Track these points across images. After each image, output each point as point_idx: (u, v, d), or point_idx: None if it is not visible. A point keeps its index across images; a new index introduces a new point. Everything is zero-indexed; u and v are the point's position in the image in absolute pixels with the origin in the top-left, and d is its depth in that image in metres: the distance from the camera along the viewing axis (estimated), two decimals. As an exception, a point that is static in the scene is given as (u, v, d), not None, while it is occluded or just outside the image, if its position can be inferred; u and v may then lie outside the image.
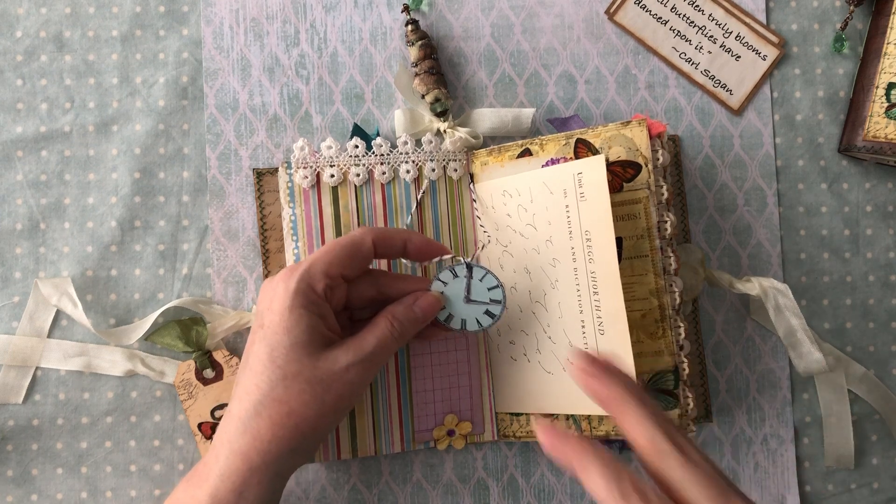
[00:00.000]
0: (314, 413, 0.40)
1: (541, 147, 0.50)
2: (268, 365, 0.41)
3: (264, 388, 0.40)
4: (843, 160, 0.55)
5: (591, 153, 0.48)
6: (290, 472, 0.42)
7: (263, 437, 0.40)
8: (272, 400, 0.40)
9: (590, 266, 0.46)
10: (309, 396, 0.40)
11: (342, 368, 0.41)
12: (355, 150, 0.50)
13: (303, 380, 0.40)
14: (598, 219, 0.45)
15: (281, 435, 0.40)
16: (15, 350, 0.50)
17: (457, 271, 0.47)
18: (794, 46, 0.55)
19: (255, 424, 0.40)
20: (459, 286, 0.47)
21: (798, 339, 0.52)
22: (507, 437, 0.51)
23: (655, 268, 0.47)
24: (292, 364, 0.40)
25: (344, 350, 0.42)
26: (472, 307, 0.47)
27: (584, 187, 0.46)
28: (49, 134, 0.52)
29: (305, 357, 0.41)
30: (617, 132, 0.48)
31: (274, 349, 0.41)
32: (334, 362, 0.41)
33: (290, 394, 0.40)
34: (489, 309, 0.47)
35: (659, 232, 0.47)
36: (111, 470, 0.51)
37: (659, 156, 0.47)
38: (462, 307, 0.47)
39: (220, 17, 0.53)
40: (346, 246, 0.43)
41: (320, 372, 0.41)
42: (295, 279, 0.41)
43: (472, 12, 0.54)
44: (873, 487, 0.55)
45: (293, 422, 0.40)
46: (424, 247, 0.46)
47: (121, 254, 0.52)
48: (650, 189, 0.47)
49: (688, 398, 0.47)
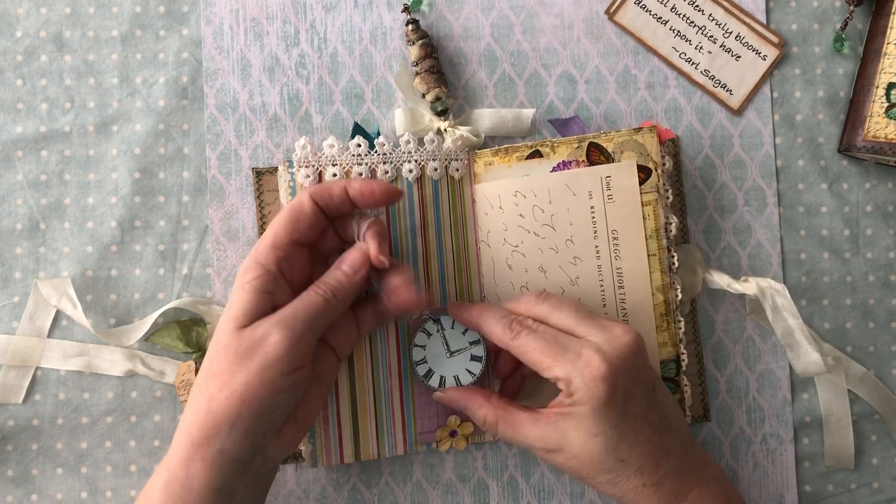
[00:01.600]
0: (242, 382, 0.40)
1: (552, 149, 0.50)
2: (210, 343, 0.42)
3: (206, 365, 0.42)
4: (843, 160, 0.55)
5: (604, 157, 0.50)
6: (240, 452, 0.41)
7: (201, 411, 0.41)
8: (208, 374, 0.41)
9: (615, 263, 0.50)
10: (236, 367, 0.40)
11: (262, 333, 0.41)
12: (357, 150, 0.49)
13: (230, 351, 0.41)
14: (627, 219, 0.50)
15: (214, 408, 0.40)
16: (15, 350, 0.50)
17: (428, 329, 0.48)
18: (794, 46, 0.55)
19: (195, 399, 0.41)
20: (437, 343, 0.48)
21: (796, 340, 0.52)
22: (507, 437, 0.51)
23: (662, 266, 0.50)
24: (223, 337, 0.41)
25: (269, 317, 0.42)
26: (455, 359, 0.48)
27: (613, 190, 0.49)
28: (49, 134, 0.52)
29: (234, 329, 0.41)
30: (629, 137, 0.50)
31: (216, 327, 0.43)
32: (256, 329, 0.41)
33: (221, 366, 0.41)
34: (472, 353, 0.48)
35: (665, 233, 0.50)
36: (111, 470, 0.51)
37: (665, 161, 0.51)
38: (445, 363, 0.48)
39: (220, 17, 0.53)
40: (286, 212, 0.43)
41: (244, 340, 0.41)
42: (246, 260, 0.43)
43: (472, 12, 0.54)
44: (873, 487, 0.55)
45: (225, 394, 0.40)
46: (366, 188, 0.44)
47: (121, 254, 0.52)
48: (659, 192, 0.50)
49: (686, 386, 0.51)
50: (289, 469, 0.52)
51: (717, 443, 0.54)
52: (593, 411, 0.42)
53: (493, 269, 0.51)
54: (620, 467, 0.43)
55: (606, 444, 0.42)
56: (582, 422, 0.43)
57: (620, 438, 0.43)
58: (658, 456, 0.44)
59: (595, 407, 0.42)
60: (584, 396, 0.42)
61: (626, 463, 0.43)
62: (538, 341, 0.44)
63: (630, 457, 0.43)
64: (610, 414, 0.42)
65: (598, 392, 0.42)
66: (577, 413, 0.43)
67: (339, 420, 0.49)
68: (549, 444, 0.44)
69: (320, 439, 0.49)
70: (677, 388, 0.51)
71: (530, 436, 0.44)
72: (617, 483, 0.43)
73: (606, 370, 0.42)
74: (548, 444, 0.44)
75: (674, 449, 0.44)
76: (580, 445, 0.43)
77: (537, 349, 0.43)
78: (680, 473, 0.44)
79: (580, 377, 0.42)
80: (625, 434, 0.43)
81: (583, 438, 0.43)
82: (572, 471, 0.44)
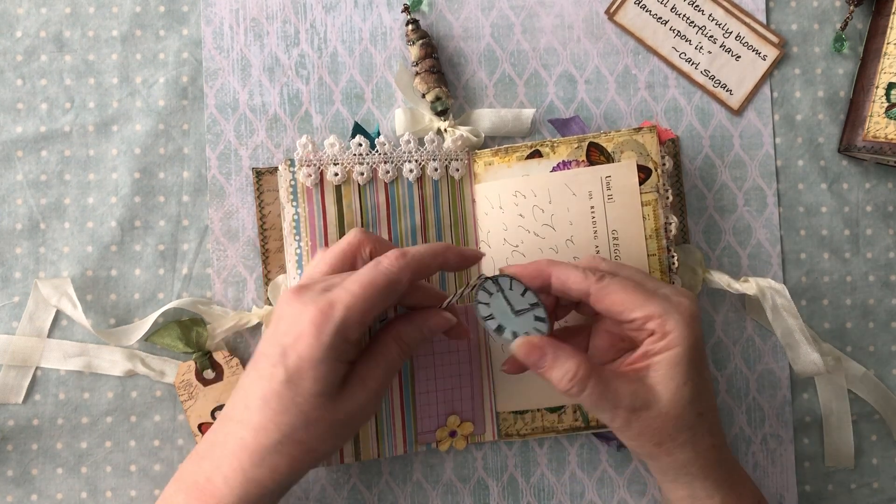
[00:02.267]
0: (332, 447, 0.42)
1: (552, 149, 0.50)
2: (290, 408, 0.40)
3: (285, 430, 0.40)
4: (843, 160, 0.55)
5: (604, 157, 0.50)
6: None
7: (282, 472, 0.41)
8: (293, 441, 0.40)
9: None
10: (328, 436, 0.41)
11: (360, 406, 0.41)
12: (359, 149, 0.49)
13: (325, 424, 0.40)
14: (627, 219, 0.50)
15: (299, 469, 0.41)
16: (15, 350, 0.50)
17: (488, 288, 0.45)
18: (794, 46, 0.55)
19: (274, 460, 0.40)
20: (500, 302, 0.45)
21: (795, 340, 0.52)
22: (510, 435, 0.51)
23: (662, 266, 0.50)
24: (315, 410, 0.40)
25: (359, 386, 0.41)
26: (521, 318, 0.44)
27: (613, 190, 0.49)
28: (49, 134, 0.52)
29: (328, 402, 0.40)
30: (629, 137, 0.50)
31: (298, 395, 0.40)
32: (353, 402, 0.41)
33: (311, 436, 0.40)
34: (535, 314, 0.44)
35: (665, 233, 0.50)
36: (111, 470, 0.51)
37: (665, 161, 0.50)
38: (514, 321, 0.44)
39: (220, 17, 0.53)
40: (384, 289, 0.40)
41: (341, 415, 0.41)
42: (329, 331, 0.39)
43: (472, 12, 0.54)
44: (873, 487, 0.55)
45: (311, 458, 0.41)
46: (461, 262, 0.45)
47: (121, 254, 0.52)
48: (658, 192, 0.50)
49: None
50: (289, 469, 0.52)
51: (717, 443, 0.54)
52: (687, 352, 0.41)
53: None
54: (699, 423, 0.42)
55: (693, 392, 0.41)
56: (674, 367, 0.41)
57: (703, 388, 0.42)
58: (718, 416, 0.43)
59: (690, 347, 0.41)
60: (680, 336, 0.41)
61: (703, 417, 0.42)
62: (625, 283, 0.42)
63: (707, 411, 0.42)
64: (698, 359, 0.41)
65: (694, 331, 0.41)
66: (669, 358, 0.41)
67: (339, 420, 0.49)
68: (638, 400, 0.41)
69: (320, 439, 0.49)
70: None
71: (622, 392, 0.41)
72: (695, 442, 0.42)
73: (695, 311, 0.42)
74: (636, 401, 0.41)
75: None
76: (669, 397, 0.41)
77: (627, 290, 0.42)
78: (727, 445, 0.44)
79: (677, 314, 0.41)
80: (705, 384, 0.42)
81: (673, 388, 0.41)
82: (653, 433, 0.42)
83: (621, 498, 0.53)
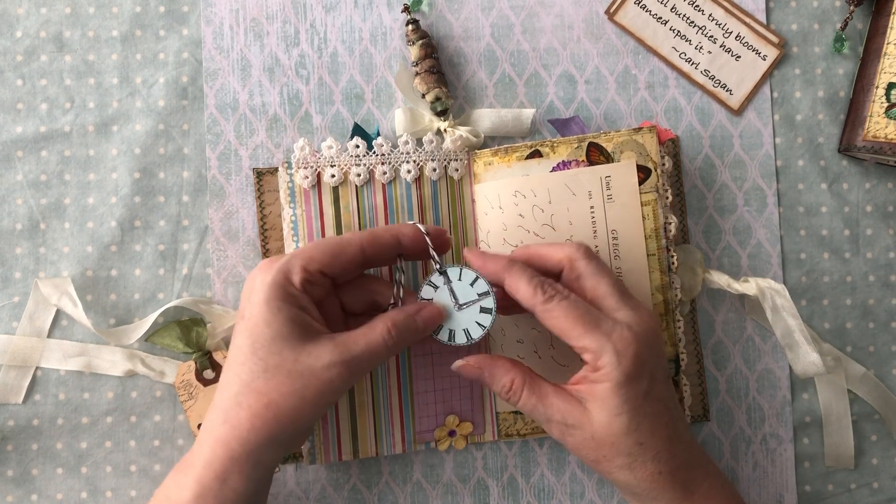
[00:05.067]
0: (293, 405, 0.40)
1: (552, 149, 0.50)
2: (249, 356, 0.41)
3: (245, 379, 0.41)
4: (843, 160, 0.55)
5: (604, 157, 0.50)
6: (273, 462, 0.42)
7: (243, 427, 0.40)
8: (251, 390, 0.40)
9: (615, 263, 0.50)
10: (288, 389, 0.40)
11: (324, 366, 0.41)
12: (356, 150, 0.50)
13: (283, 372, 0.40)
14: (627, 219, 0.50)
15: (259, 425, 0.40)
16: (15, 350, 0.50)
17: (434, 282, 0.45)
18: (794, 46, 0.55)
19: (234, 414, 0.40)
20: (444, 296, 0.45)
21: (795, 340, 0.52)
22: (509, 436, 0.51)
23: (661, 265, 0.50)
24: (273, 356, 0.40)
25: (329, 347, 0.41)
26: (464, 313, 0.45)
27: (613, 190, 0.50)
28: (49, 134, 0.52)
29: (287, 349, 0.40)
30: (629, 137, 0.50)
31: (255, 341, 0.41)
32: (317, 358, 0.41)
33: (270, 385, 0.40)
34: (482, 305, 0.45)
35: (665, 233, 0.50)
36: (111, 470, 0.51)
37: (664, 161, 0.51)
38: (454, 317, 0.45)
39: (220, 17, 0.53)
40: (330, 244, 0.43)
41: (301, 366, 0.40)
42: (272, 271, 0.42)
43: (472, 12, 0.54)
44: (873, 487, 0.55)
45: (272, 413, 0.40)
46: (419, 238, 0.45)
47: (121, 254, 0.52)
48: (658, 192, 0.50)
49: (685, 385, 0.52)
50: (289, 469, 0.52)
51: (716, 443, 0.54)
52: (619, 387, 0.41)
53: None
54: (638, 451, 0.42)
55: (629, 424, 0.42)
56: (607, 399, 0.42)
57: (642, 420, 0.42)
58: (674, 443, 0.43)
59: (621, 383, 0.41)
60: (613, 371, 0.41)
61: (644, 447, 0.42)
62: (570, 310, 0.42)
63: (649, 441, 0.42)
64: (635, 392, 0.42)
65: (627, 367, 0.41)
66: (600, 391, 0.42)
67: (338, 418, 0.49)
68: (571, 418, 0.43)
69: (318, 437, 0.49)
70: (676, 388, 0.51)
71: (554, 407, 0.43)
72: (633, 468, 0.42)
73: (636, 348, 0.42)
74: (568, 419, 0.43)
75: (685, 439, 0.44)
76: (602, 424, 0.42)
77: (569, 318, 0.42)
78: (691, 465, 0.44)
79: (611, 350, 0.41)
80: (646, 416, 0.42)
81: (605, 417, 0.42)
82: (588, 451, 0.43)
83: (622, 498, 0.53)
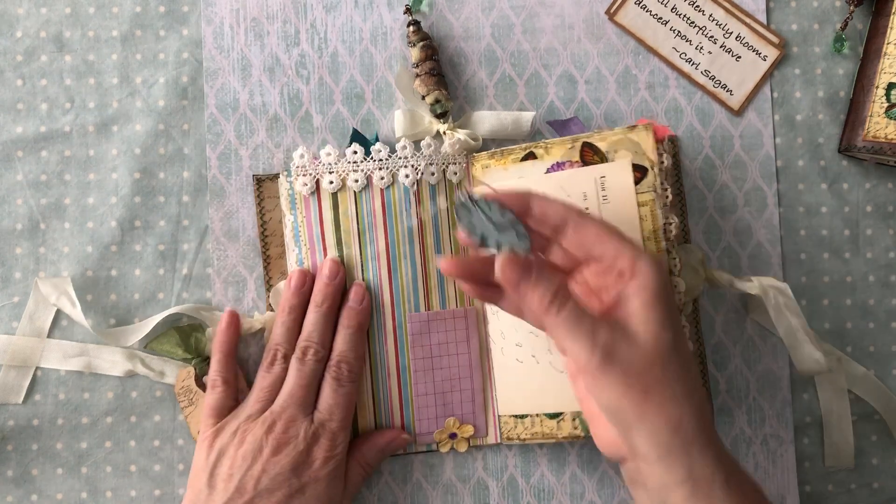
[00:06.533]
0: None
1: (546, 150, 0.50)
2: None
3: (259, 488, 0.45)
4: (843, 160, 0.55)
5: (598, 157, 0.49)
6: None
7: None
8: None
9: None
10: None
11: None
12: (354, 157, 0.50)
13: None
14: (623, 220, 0.48)
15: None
16: (15, 350, 0.50)
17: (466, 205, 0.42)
18: (795, 46, 0.55)
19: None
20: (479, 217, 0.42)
21: (798, 340, 0.52)
22: (511, 439, 0.51)
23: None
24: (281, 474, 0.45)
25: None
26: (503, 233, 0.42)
27: (608, 190, 0.48)
28: (49, 134, 0.52)
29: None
30: (624, 136, 0.48)
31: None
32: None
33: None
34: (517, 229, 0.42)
35: (665, 234, 0.48)
36: (111, 470, 0.51)
37: (663, 159, 0.49)
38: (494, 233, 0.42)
39: (220, 17, 0.53)
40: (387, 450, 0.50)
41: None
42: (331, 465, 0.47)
43: (473, 12, 0.54)
44: (873, 487, 0.55)
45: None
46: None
47: (121, 254, 0.52)
48: (656, 192, 0.48)
49: None
50: (289, 469, 0.52)
51: (717, 443, 0.54)
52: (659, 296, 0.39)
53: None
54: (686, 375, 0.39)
55: (673, 337, 0.39)
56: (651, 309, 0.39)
57: (683, 340, 0.40)
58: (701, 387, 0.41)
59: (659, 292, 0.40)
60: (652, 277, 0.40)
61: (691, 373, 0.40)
62: (602, 223, 0.42)
63: (692, 366, 0.40)
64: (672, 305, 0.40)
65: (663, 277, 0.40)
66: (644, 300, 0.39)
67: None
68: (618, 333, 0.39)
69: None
70: None
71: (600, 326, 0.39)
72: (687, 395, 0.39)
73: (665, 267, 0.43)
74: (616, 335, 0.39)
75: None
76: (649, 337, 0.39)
77: (602, 227, 0.41)
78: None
79: (647, 257, 0.40)
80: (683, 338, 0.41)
81: (652, 329, 0.39)
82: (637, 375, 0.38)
83: (622, 498, 0.53)
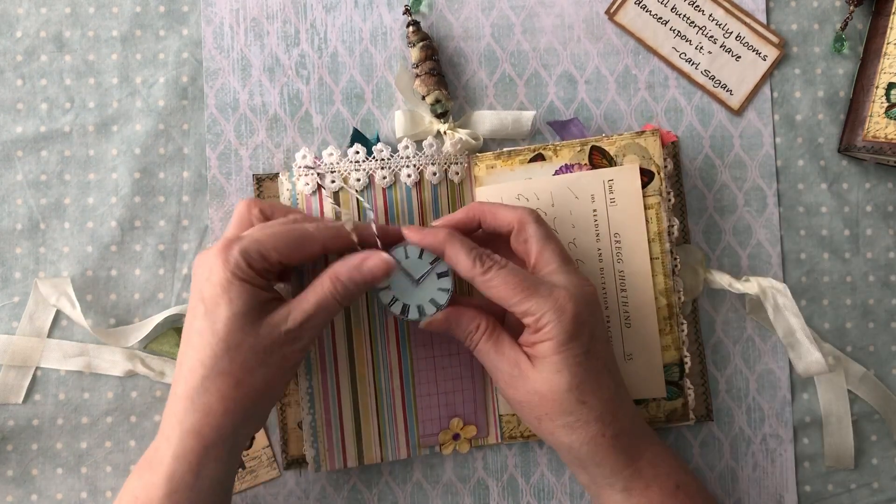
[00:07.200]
0: (261, 379, 0.41)
1: (554, 152, 0.51)
2: (210, 339, 0.40)
3: (208, 363, 0.40)
4: (843, 160, 0.55)
5: (606, 160, 0.50)
6: (245, 441, 0.43)
7: (215, 412, 0.40)
8: (218, 373, 0.40)
9: (618, 266, 0.50)
10: (254, 364, 0.40)
11: (282, 333, 0.41)
12: (356, 156, 0.50)
13: (246, 349, 0.40)
14: (630, 222, 0.50)
15: (232, 407, 0.40)
16: (15, 350, 0.50)
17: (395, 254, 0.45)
18: (794, 46, 0.55)
19: (204, 400, 0.40)
20: (400, 277, 0.46)
21: (797, 340, 0.52)
22: (513, 438, 0.51)
23: (665, 269, 0.50)
24: (234, 334, 0.40)
25: (284, 314, 0.41)
26: (423, 285, 0.46)
27: (616, 193, 0.50)
28: (49, 134, 0.52)
29: (247, 325, 0.40)
30: (631, 141, 0.50)
31: (215, 322, 0.40)
32: (275, 327, 0.41)
33: (235, 365, 0.40)
34: (437, 271, 0.46)
35: (668, 236, 0.50)
36: (111, 470, 0.51)
37: (667, 164, 0.51)
38: (415, 293, 0.46)
39: (220, 17, 0.53)
40: (293, 237, 0.42)
41: (262, 339, 0.41)
42: (233, 254, 0.41)
43: (473, 12, 0.54)
44: (873, 487, 0.55)
45: (242, 392, 0.40)
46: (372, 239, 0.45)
47: (121, 254, 0.52)
48: (661, 195, 0.50)
49: (689, 389, 0.51)
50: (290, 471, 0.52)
51: (716, 443, 0.54)
52: (560, 345, 0.42)
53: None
54: (581, 410, 0.43)
55: (570, 380, 0.42)
56: (549, 356, 0.43)
57: (584, 378, 0.43)
58: (616, 406, 0.44)
59: (562, 341, 0.42)
60: (553, 329, 0.42)
61: (587, 406, 0.43)
62: (509, 278, 0.43)
63: (591, 400, 0.43)
64: (576, 350, 0.42)
65: (567, 325, 0.42)
66: (544, 348, 0.43)
67: (342, 424, 0.49)
68: (517, 369, 0.44)
69: (323, 444, 0.49)
70: (680, 392, 0.51)
71: (505, 356, 0.44)
72: (575, 429, 0.43)
73: (575, 307, 0.43)
74: (515, 370, 0.44)
75: (627, 405, 0.45)
76: (545, 379, 0.43)
77: (508, 285, 0.43)
78: (634, 432, 0.45)
79: (551, 310, 0.42)
80: (588, 374, 0.43)
81: (548, 373, 0.43)
82: (532, 407, 0.44)
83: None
